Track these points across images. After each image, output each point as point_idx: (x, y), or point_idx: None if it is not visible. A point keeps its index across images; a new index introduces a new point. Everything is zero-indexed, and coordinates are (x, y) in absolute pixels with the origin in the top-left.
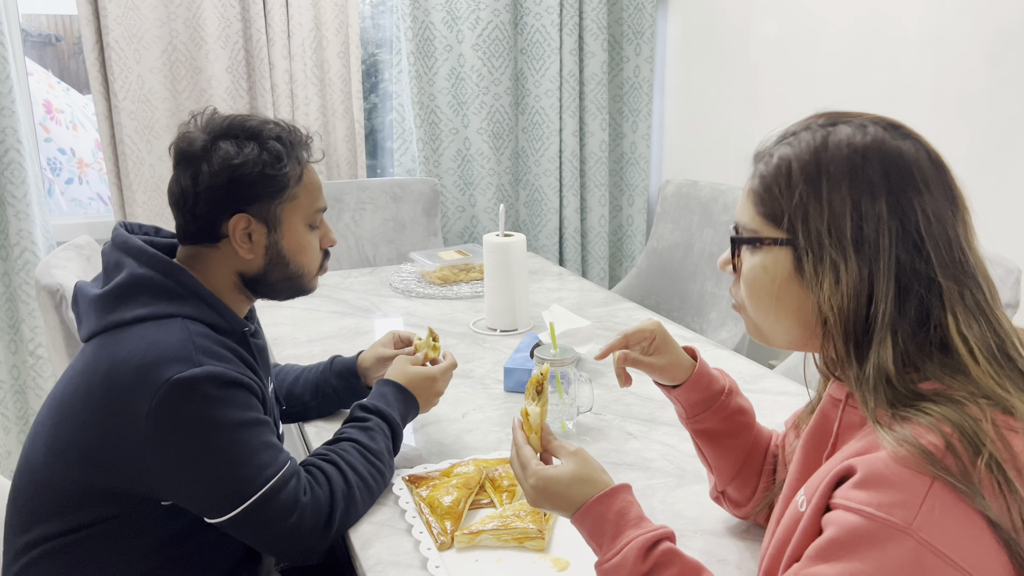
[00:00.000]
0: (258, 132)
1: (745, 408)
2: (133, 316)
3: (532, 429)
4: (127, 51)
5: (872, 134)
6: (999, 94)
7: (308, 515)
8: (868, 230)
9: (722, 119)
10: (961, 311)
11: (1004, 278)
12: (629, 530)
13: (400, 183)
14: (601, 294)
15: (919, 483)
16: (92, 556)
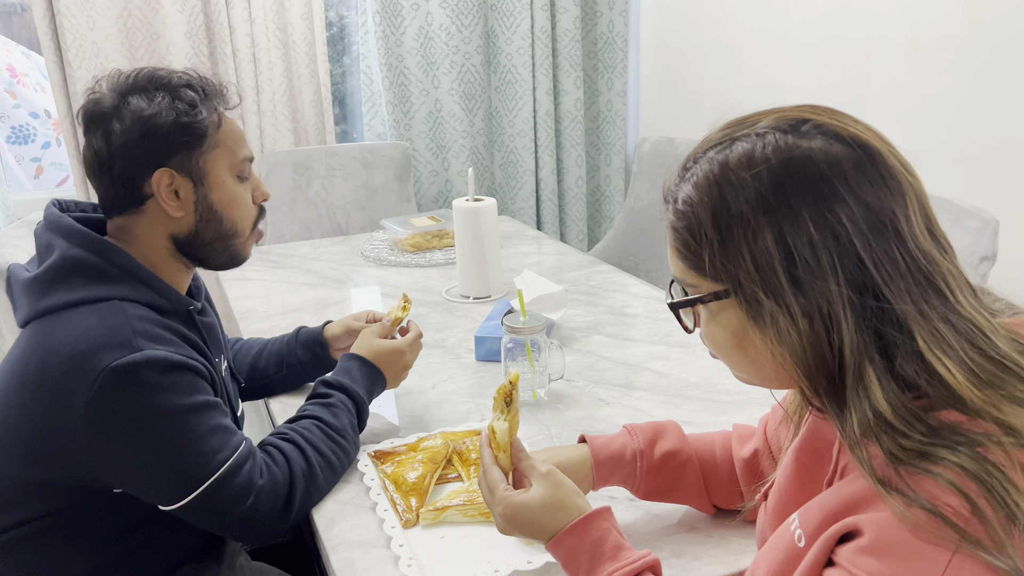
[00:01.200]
0: (167, 82)
1: (672, 450)
2: (66, 300)
3: (500, 447)
4: (80, 18)
5: (772, 144)
6: (975, 41)
7: (265, 498)
8: (800, 264)
9: (697, 73)
10: (925, 330)
11: (981, 230)
12: (605, 564)
13: (370, 148)
14: (578, 257)
15: (939, 553)
16: (48, 548)
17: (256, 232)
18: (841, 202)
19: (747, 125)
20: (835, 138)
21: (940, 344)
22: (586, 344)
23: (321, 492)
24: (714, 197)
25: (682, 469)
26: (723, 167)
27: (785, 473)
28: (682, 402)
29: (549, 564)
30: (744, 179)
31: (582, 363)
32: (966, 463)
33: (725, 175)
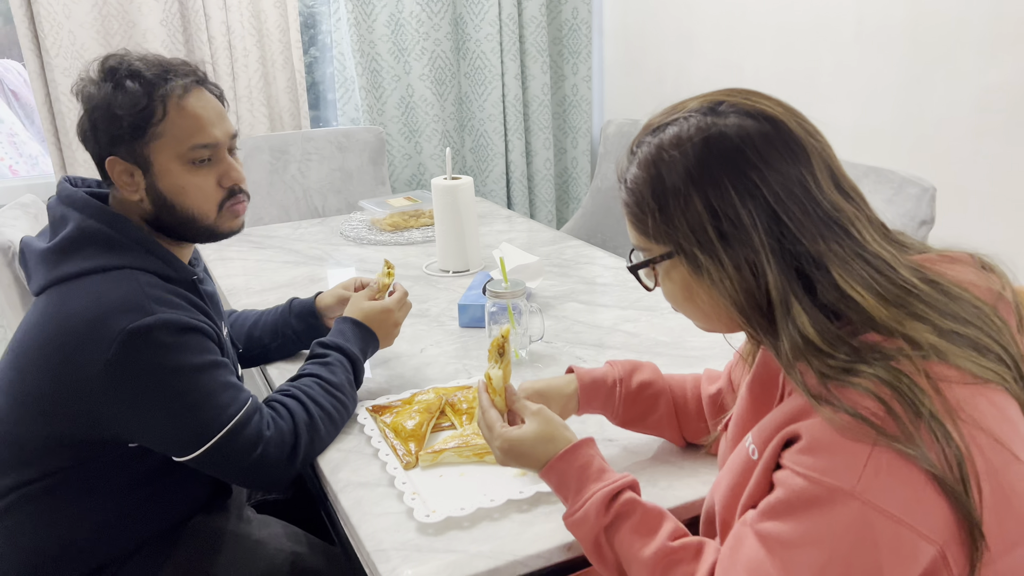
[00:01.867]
0: (114, 71)
1: (647, 380)
2: (81, 269)
3: (496, 392)
4: (56, 7)
5: (695, 125)
6: (916, 24)
7: (273, 447)
8: (727, 224)
9: (659, 58)
10: (837, 264)
11: (920, 196)
12: (591, 484)
13: (345, 132)
14: (549, 233)
15: (861, 448)
16: (67, 499)
17: (230, 210)
18: (754, 168)
19: (677, 111)
20: (746, 115)
21: (852, 274)
22: (562, 311)
23: (323, 442)
24: (652, 174)
25: (656, 399)
26: (658, 148)
27: (741, 404)
28: (652, 358)
29: (539, 494)
30: (674, 156)
31: (559, 327)
32: (881, 373)
33: (659, 155)
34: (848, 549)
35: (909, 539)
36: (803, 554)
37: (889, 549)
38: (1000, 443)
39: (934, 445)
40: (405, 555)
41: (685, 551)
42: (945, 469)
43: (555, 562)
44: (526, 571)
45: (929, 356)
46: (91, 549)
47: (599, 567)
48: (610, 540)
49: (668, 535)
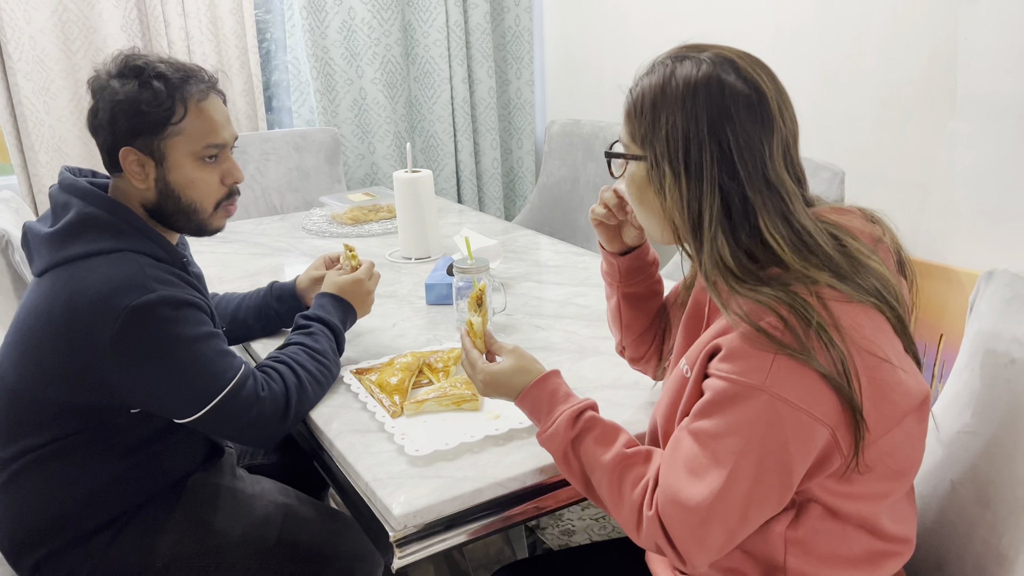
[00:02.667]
0: (141, 70)
1: (660, 278)
2: (85, 251)
3: (477, 335)
4: (17, 12)
5: (703, 70)
6: (825, 30)
7: (267, 407)
8: (694, 153)
9: (597, 62)
10: (767, 217)
11: (831, 180)
12: (559, 405)
13: (301, 133)
14: (501, 224)
15: (766, 352)
16: (72, 462)
17: (224, 209)
18: (730, 120)
19: (700, 50)
20: (744, 80)
21: (776, 229)
22: (519, 289)
23: (311, 402)
24: (656, 90)
25: (656, 295)
26: (671, 73)
27: (678, 340)
28: (602, 325)
29: (512, 431)
30: (678, 86)
31: (518, 302)
32: (779, 293)
33: (669, 79)
34: (762, 433)
35: (807, 423)
36: (727, 442)
37: (793, 431)
38: (874, 345)
39: (822, 349)
40: (399, 482)
41: (637, 456)
42: (831, 368)
43: (529, 484)
44: (504, 492)
45: (818, 283)
46: (99, 506)
47: (567, 475)
48: (576, 451)
49: (624, 444)
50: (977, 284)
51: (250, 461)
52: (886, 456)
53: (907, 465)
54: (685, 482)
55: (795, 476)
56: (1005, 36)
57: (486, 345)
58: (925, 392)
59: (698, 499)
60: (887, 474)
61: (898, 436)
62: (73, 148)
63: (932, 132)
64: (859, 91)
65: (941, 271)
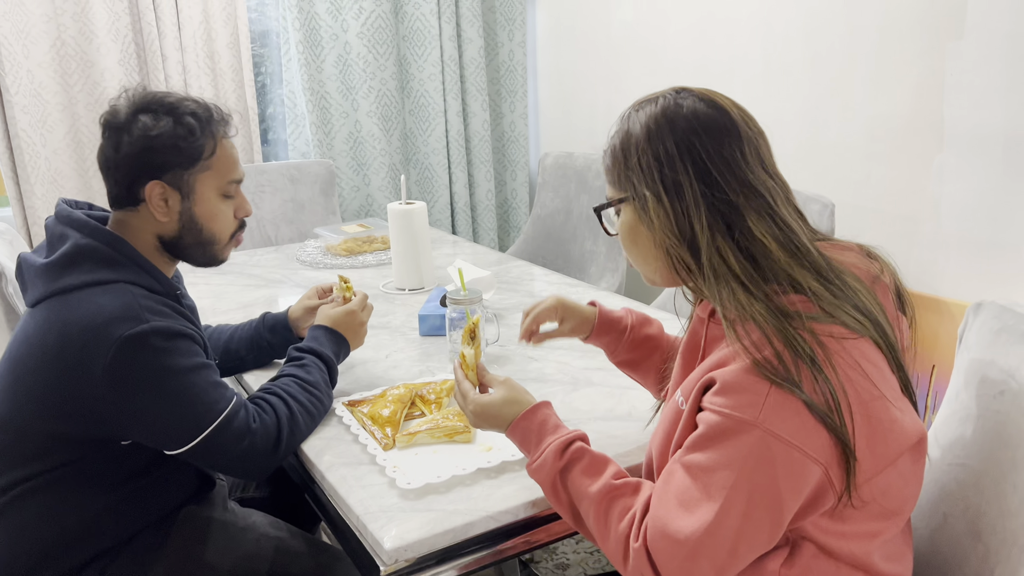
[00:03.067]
0: (175, 107)
1: (653, 335)
2: (80, 281)
3: (469, 367)
4: (15, 46)
5: (661, 104)
6: (813, 65)
7: (259, 439)
8: (668, 171)
9: (590, 96)
10: (754, 218)
11: (821, 212)
12: (548, 436)
13: (296, 166)
14: (495, 255)
15: (761, 387)
16: (63, 493)
17: (234, 240)
18: (696, 135)
19: (655, 95)
20: (700, 100)
21: (763, 226)
22: (512, 320)
23: (303, 434)
24: (623, 134)
25: (652, 352)
26: (630, 119)
27: (675, 371)
28: (596, 356)
29: (504, 463)
30: (639, 123)
31: (511, 333)
32: (778, 325)
33: (632, 124)
34: (752, 468)
35: (799, 460)
36: (718, 476)
37: (784, 468)
38: (868, 381)
39: (810, 381)
40: (390, 516)
41: (626, 487)
42: (820, 401)
43: (521, 517)
44: (496, 525)
45: (812, 304)
46: (90, 538)
47: (556, 507)
48: (564, 482)
49: (612, 475)
50: (966, 316)
51: (241, 494)
52: (879, 494)
53: (900, 504)
54: (675, 514)
55: (786, 513)
56: (990, 71)
57: (478, 377)
58: (921, 432)
59: (687, 532)
60: (880, 513)
61: (892, 475)
62: (69, 180)
63: (920, 165)
64: (848, 125)
65: (932, 302)
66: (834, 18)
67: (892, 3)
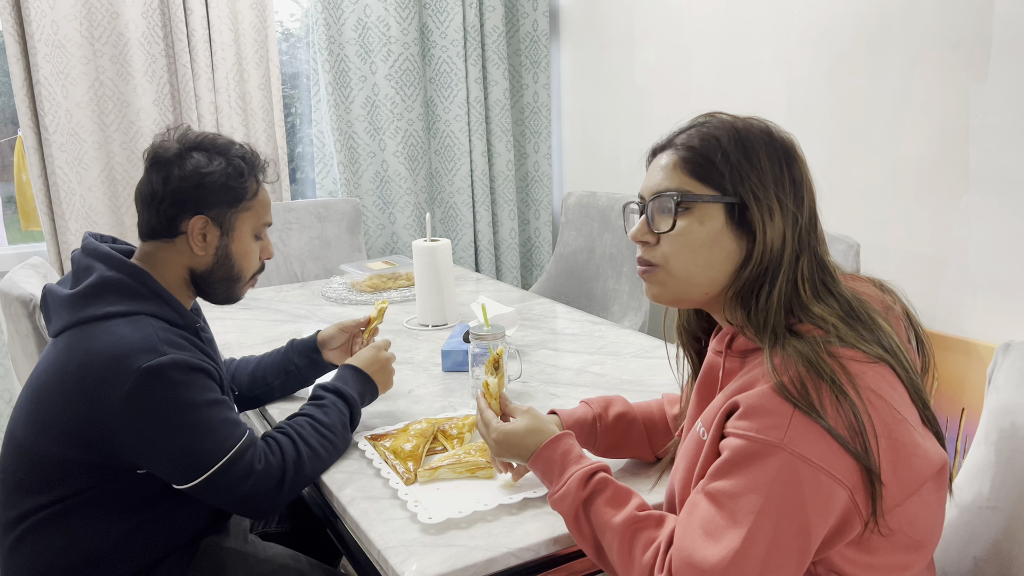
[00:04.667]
0: (227, 149)
1: (621, 412)
2: (104, 312)
3: (492, 396)
4: (55, 87)
5: (760, 122)
6: (837, 106)
7: (262, 480)
8: (783, 189)
9: (613, 137)
10: (810, 257)
11: (847, 252)
12: (571, 466)
13: (324, 204)
14: (517, 292)
15: (785, 409)
16: (77, 522)
17: (253, 280)
18: (796, 165)
19: (725, 114)
20: (792, 145)
21: (811, 267)
22: (535, 356)
23: (308, 477)
24: (733, 133)
25: (630, 427)
26: (732, 122)
27: (691, 405)
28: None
29: (526, 500)
30: (752, 129)
31: (534, 369)
32: (801, 348)
33: (737, 125)
34: (780, 492)
35: (826, 483)
36: (744, 501)
37: (811, 490)
38: (892, 404)
39: (833, 405)
40: (411, 550)
41: (650, 520)
42: (843, 425)
43: (543, 555)
44: (517, 562)
45: (831, 334)
46: (107, 567)
47: (578, 539)
48: (587, 512)
49: (636, 507)
50: (995, 356)
51: (264, 529)
52: (906, 524)
53: (926, 536)
54: (701, 544)
55: (813, 539)
56: (1014, 112)
57: (501, 407)
58: (943, 459)
59: (714, 560)
60: (907, 544)
61: (917, 504)
62: (102, 217)
63: (946, 206)
64: (872, 165)
65: (959, 344)
66: (857, 60)
67: (916, 45)
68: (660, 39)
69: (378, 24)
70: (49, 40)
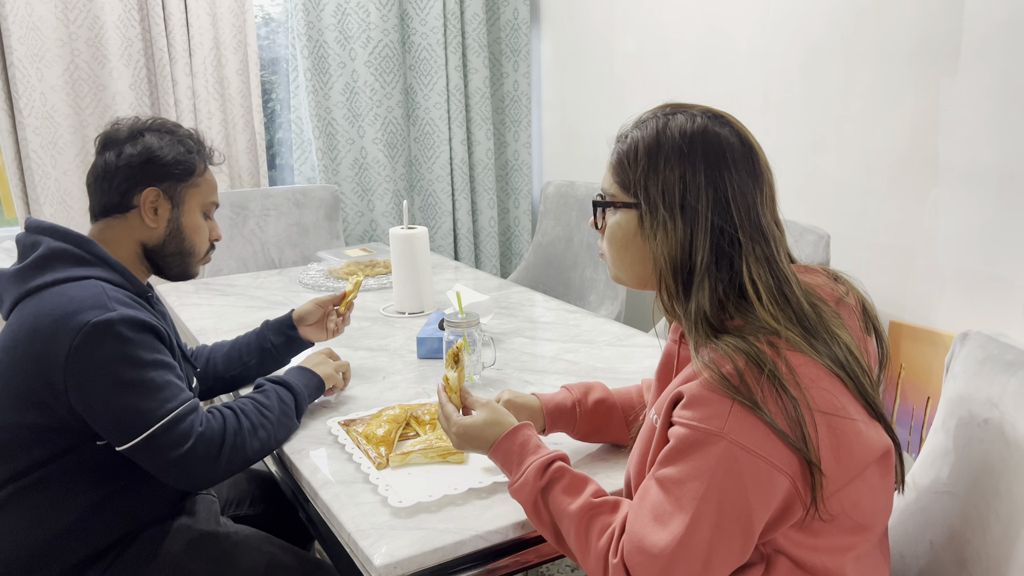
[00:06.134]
0: (175, 130)
1: (601, 398)
2: (52, 279)
3: (452, 391)
4: (30, 69)
5: (698, 123)
6: (811, 99)
7: (200, 446)
8: (690, 197)
9: (592, 126)
10: (752, 261)
11: (817, 243)
12: (529, 456)
13: (302, 190)
14: (495, 281)
15: (725, 400)
16: (48, 494)
17: (206, 258)
18: (726, 168)
19: (688, 108)
20: (736, 134)
21: (759, 273)
22: (510, 344)
23: (247, 452)
24: (652, 139)
25: (609, 413)
26: (665, 124)
27: (652, 392)
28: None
29: (495, 484)
30: (675, 136)
31: (508, 357)
32: (739, 344)
33: (663, 130)
34: (721, 478)
35: (765, 469)
36: (688, 488)
37: (752, 477)
38: (831, 395)
39: (773, 396)
40: (381, 533)
41: (605, 505)
42: (783, 416)
43: (510, 538)
44: (486, 544)
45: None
46: (78, 542)
47: (538, 526)
48: (545, 500)
49: (591, 494)
50: (952, 345)
51: (236, 511)
52: (849, 507)
53: (871, 518)
54: (650, 528)
55: (756, 524)
56: (984, 107)
57: (461, 400)
58: (886, 445)
59: (661, 545)
60: (851, 527)
61: (860, 488)
62: (77, 201)
63: (916, 198)
64: (844, 158)
65: (927, 334)
66: (832, 53)
67: (888, 39)
68: (639, 29)
69: (357, 10)
70: (23, 22)
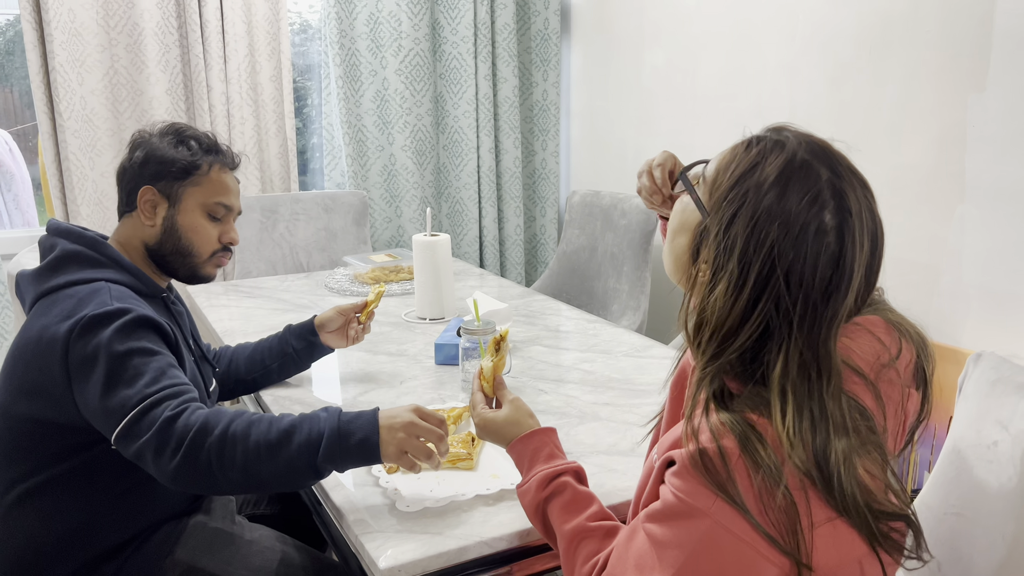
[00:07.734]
0: (181, 131)
1: None
2: (65, 281)
3: (486, 379)
4: (71, 74)
5: (824, 182)
6: (838, 113)
7: (164, 433)
8: (766, 260)
9: (620, 137)
10: (794, 368)
11: None
12: (538, 465)
13: (331, 196)
14: (519, 289)
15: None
16: (62, 494)
17: (216, 259)
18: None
19: (822, 151)
20: (869, 209)
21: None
22: (527, 352)
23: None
24: (748, 172)
25: None
26: (761, 159)
27: (667, 401)
28: (605, 391)
29: (503, 491)
30: (769, 178)
31: (524, 365)
32: (735, 425)
33: (762, 164)
34: (699, 555)
35: (751, 557)
36: (670, 552)
37: (732, 561)
38: None
39: (768, 492)
40: (387, 536)
41: (598, 531)
42: (754, 500)
43: (515, 545)
44: (490, 551)
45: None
46: (94, 539)
47: (538, 530)
48: (546, 512)
49: (588, 517)
50: (966, 366)
51: (252, 511)
52: None
53: None
54: (630, 575)
55: None
56: (1012, 123)
57: (493, 390)
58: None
59: None
60: None
61: (853, 570)
62: (113, 202)
63: (942, 215)
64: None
65: (950, 353)
66: (859, 68)
67: (916, 55)
68: (668, 41)
69: (389, 19)
70: (66, 28)
